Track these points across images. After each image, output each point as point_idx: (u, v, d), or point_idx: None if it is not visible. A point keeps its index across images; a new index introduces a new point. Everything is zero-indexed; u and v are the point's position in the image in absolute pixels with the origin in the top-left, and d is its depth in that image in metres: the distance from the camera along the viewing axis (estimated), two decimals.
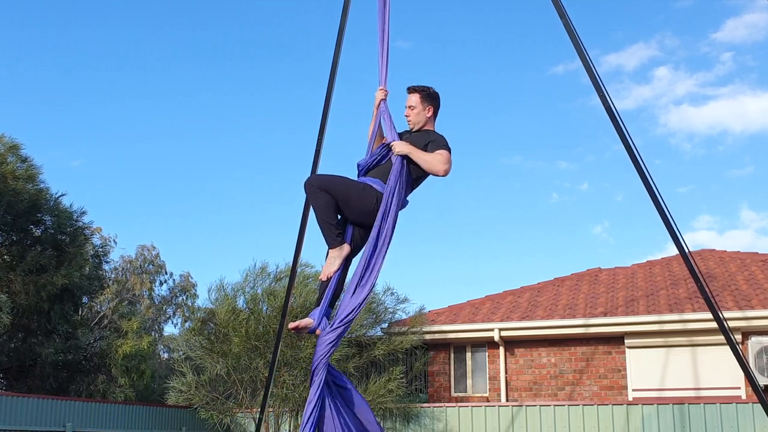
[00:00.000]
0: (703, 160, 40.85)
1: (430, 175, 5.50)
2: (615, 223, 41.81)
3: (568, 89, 38.40)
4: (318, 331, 5.22)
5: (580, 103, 38.62)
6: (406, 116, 5.61)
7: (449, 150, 5.40)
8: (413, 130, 5.61)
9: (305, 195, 5.35)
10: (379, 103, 5.72)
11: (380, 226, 5.24)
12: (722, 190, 41.17)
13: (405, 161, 5.36)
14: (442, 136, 5.51)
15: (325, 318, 5.24)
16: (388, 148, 5.48)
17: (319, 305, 5.29)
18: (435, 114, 5.64)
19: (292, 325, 5.25)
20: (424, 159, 5.33)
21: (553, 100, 38.88)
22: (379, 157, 5.52)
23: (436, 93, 5.65)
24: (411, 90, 5.63)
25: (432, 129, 5.63)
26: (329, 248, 5.31)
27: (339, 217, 5.36)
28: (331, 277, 5.29)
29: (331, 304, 5.31)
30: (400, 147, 5.35)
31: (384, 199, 5.26)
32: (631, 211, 40.32)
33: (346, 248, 5.32)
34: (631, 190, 40.00)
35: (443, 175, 5.37)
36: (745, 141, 40.37)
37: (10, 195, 14.76)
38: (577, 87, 40.88)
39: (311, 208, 5.34)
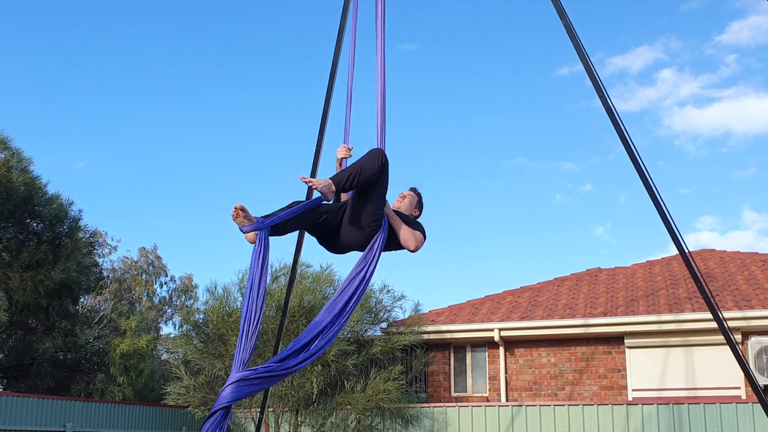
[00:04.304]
0: (707, 162, 40.87)
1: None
2: (617, 225, 41.82)
3: (572, 91, 38.43)
4: (252, 235, 4.86)
5: (584, 105, 38.61)
6: (402, 197, 5.82)
7: (425, 237, 5.58)
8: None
9: (369, 153, 5.11)
10: (341, 161, 5.78)
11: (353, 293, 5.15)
12: (725, 191, 41.19)
13: (385, 236, 5.33)
14: (422, 227, 5.67)
15: (263, 232, 4.90)
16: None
17: (276, 213, 4.99)
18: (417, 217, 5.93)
19: (238, 205, 4.82)
20: (403, 233, 5.40)
21: (558, 102, 38.93)
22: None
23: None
24: (415, 191, 5.92)
25: None
26: (336, 189, 5.08)
27: (353, 196, 5.27)
28: (302, 203, 5.10)
29: (278, 226, 5.02)
30: (390, 211, 5.41)
31: (362, 266, 5.21)
32: (633, 212, 40.36)
33: (332, 198, 5.15)
34: (634, 191, 40.03)
35: (412, 251, 5.50)
36: (749, 143, 40.38)
37: (4, 189, 14.58)
38: (581, 89, 40.85)
39: (362, 164, 5.07)
